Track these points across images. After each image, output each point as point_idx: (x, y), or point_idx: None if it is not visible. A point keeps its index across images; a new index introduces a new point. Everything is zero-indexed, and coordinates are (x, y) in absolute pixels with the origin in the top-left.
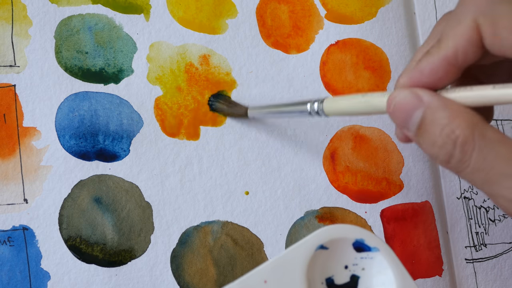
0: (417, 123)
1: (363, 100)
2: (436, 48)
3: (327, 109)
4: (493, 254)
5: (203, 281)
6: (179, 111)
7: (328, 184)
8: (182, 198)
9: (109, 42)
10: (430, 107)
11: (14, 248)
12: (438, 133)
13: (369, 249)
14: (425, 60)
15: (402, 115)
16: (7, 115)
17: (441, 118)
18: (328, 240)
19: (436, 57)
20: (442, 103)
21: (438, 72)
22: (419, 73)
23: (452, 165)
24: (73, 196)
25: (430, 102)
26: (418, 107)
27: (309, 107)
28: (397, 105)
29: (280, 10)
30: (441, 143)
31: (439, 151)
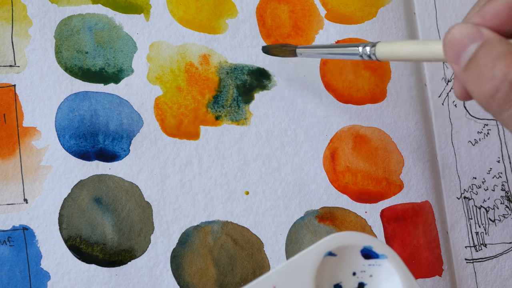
0: (470, 54)
1: (418, 43)
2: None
3: (379, 52)
4: (493, 254)
5: (203, 281)
6: (179, 111)
7: (328, 184)
8: (182, 198)
9: (109, 42)
10: (489, 41)
11: (14, 248)
12: (491, 65)
13: (377, 256)
14: (488, 5)
15: (457, 45)
16: (7, 115)
17: (497, 52)
18: (336, 246)
19: (500, 2)
20: (501, 39)
21: (502, 16)
22: (481, 18)
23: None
24: (73, 196)
25: (489, 36)
26: (476, 40)
27: (360, 49)
28: (455, 34)
29: (280, 10)
30: (491, 75)
31: (486, 84)
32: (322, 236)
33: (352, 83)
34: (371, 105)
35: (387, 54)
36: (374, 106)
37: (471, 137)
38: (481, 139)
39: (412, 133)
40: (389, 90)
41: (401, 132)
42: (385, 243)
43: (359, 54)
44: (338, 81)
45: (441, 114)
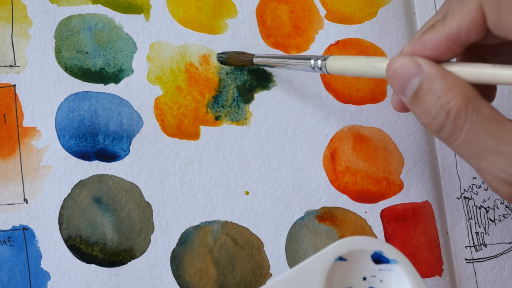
0: (413, 90)
1: (365, 61)
2: (441, 24)
3: (329, 66)
4: (493, 254)
5: (203, 281)
6: (179, 111)
7: (328, 184)
8: (182, 198)
9: (109, 42)
10: (428, 76)
11: (14, 248)
12: (433, 102)
13: (387, 261)
14: (428, 33)
15: (400, 80)
16: (7, 115)
17: (438, 88)
18: (347, 251)
19: (440, 33)
20: (440, 73)
21: (440, 47)
22: (421, 45)
23: (443, 135)
24: (73, 196)
25: (428, 71)
26: (416, 75)
27: (312, 62)
28: (396, 70)
29: (280, 10)
30: (434, 112)
31: (432, 120)
32: (322, 236)
33: (352, 83)
34: (371, 105)
35: (336, 68)
36: (374, 106)
37: None
38: None
39: (412, 133)
40: (389, 90)
41: (401, 132)
42: (396, 248)
43: (311, 66)
44: (338, 81)
45: None
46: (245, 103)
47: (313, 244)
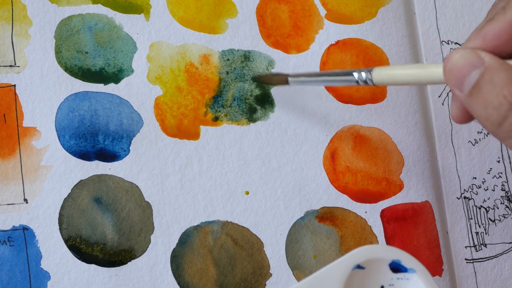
0: (473, 82)
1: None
2: (501, 14)
3: (377, 78)
4: (493, 254)
5: (203, 281)
6: (179, 111)
7: (328, 184)
8: (182, 198)
9: (109, 42)
10: (490, 67)
11: (14, 248)
12: (495, 93)
13: (405, 270)
14: (488, 25)
15: (459, 73)
16: (7, 115)
17: (501, 79)
18: (365, 259)
19: (501, 22)
20: (503, 65)
21: (502, 36)
22: (482, 39)
23: (504, 128)
24: (73, 196)
25: (490, 62)
26: (477, 67)
27: (356, 76)
28: (455, 62)
29: (280, 10)
30: (497, 103)
31: (492, 112)
32: (322, 236)
33: None
34: (371, 105)
35: (385, 79)
36: (374, 106)
37: (471, 137)
38: (481, 139)
39: (412, 133)
40: (389, 90)
41: (401, 132)
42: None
43: (354, 80)
44: None
45: (441, 114)
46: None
47: (313, 244)
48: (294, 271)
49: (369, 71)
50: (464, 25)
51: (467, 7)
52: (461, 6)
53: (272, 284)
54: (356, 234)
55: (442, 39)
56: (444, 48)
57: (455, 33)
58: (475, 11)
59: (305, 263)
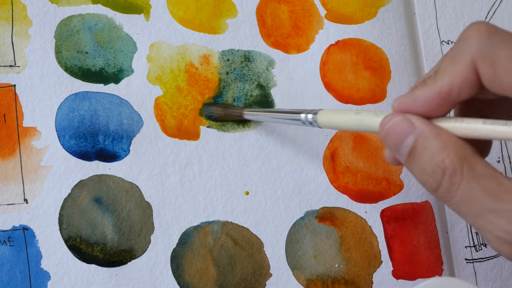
0: (408, 149)
1: (355, 118)
2: (432, 80)
3: (320, 122)
4: (493, 254)
5: (203, 281)
6: (179, 111)
7: (328, 184)
8: (182, 198)
9: (109, 42)
10: (422, 135)
11: (14, 248)
12: (428, 161)
13: None
14: (420, 89)
15: (394, 139)
16: (7, 115)
17: (432, 147)
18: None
19: (431, 90)
20: (434, 131)
21: (431, 103)
22: (412, 101)
23: (440, 193)
24: (73, 196)
25: (422, 129)
26: (410, 133)
27: (303, 117)
28: (389, 129)
29: (280, 10)
30: (430, 171)
31: (427, 179)
32: (322, 236)
33: (352, 83)
34: (371, 105)
35: (327, 123)
36: (374, 106)
37: None
38: None
39: None
40: (389, 90)
41: None
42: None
43: (301, 120)
44: (338, 81)
45: None
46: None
47: (313, 244)
48: (294, 271)
49: (315, 113)
50: (464, 25)
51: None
52: (461, 6)
53: (272, 284)
54: (356, 234)
55: (442, 39)
56: (444, 48)
57: (455, 33)
58: (475, 11)
59: (305, 263)
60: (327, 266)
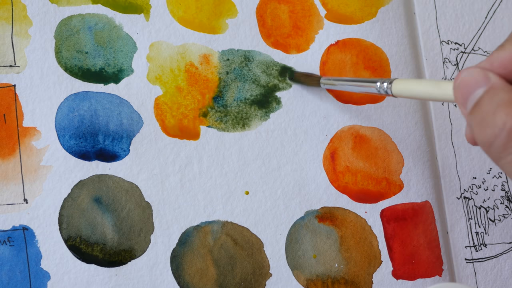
0: (476, 99)
1: (432, 84)
2: (510, 42)
3: (395, 89)
4: (493, 254)
5: (203, 281)
6: (179, 111)
7: (328, 184)
8: (182, 198)
9: (109, 42)
10: (494, 87)
11: (14, 248)
12: (492, 111)
13: None
14: (497, 52)
15: (465, 89)
16: (7, 115)
17: (500, 99)
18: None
19: (509, 51)
20: (507, 87)
21: (507, 66)
22: (490, 63)
23: (494, 148)
24: (73, 196)
25: (495, 82)
26: (482, 85)
27: (378, 85)
28: (464, 79)
29: (280, 10)
30: (491, 123)
31: (486, 131)
32: (322, 236)
33: None
34: (371, 105)
35: (402, 91)
36: (374, 106)
37: None
38: None
39: (412, 133)
40: None
41: (401, 132)
42: None
43: (376, 89)
44: None
45: (441, 114)
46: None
47: (313, 244)
48: (294, 271)
49: (391, 82)
50: (464, 25)
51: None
52: (461, 6)
53: (272, 284)
54: (356, 234)
55: (442, 39)
56: (444, 48)
57: (455, 33)
58: (475, 11)
59: (305, 263)
60: (327, 266)
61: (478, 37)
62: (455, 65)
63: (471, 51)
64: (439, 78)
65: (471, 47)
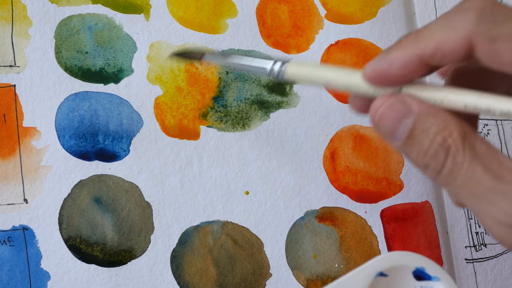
0: (406, 132)
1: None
2: (412, 42)
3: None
4: (493, 254)
5: (203, 281)
6: (179, 111)
7: (328, 184)
8: (182, 198)
9: (109, 42)
10: (420, 115)
11: (14, 248)
12: (430, 141)
13: (429, 278)
14: (397, 51)
15: (389, 124)
16: (7, 115)
17: (433, 126)
18: (388, 267)
19: (411, 51)
20: (432, 110)
21: (409, 66)
22: (388, 64)
23: (442, 177)
24: (73, 196)
25: (420, 109)
26: (406, 116)
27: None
28: (383, 114)
29: (280, 10)
30: (433, 152)
31: (430, 162)
32: (322, 236)
33: None
34: None
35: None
36: None
37: None
38: None
39: None
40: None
41: None
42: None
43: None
44: None
45: None
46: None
47: (313, 244)
48: (294, 271)
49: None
50: None
51: None
52: None
53: (272, 284)
54: (356, 234)
55: None
56: None
57: None
58: None
59: (305, 263)
60: (327, 266)
61: None
62: None
63: None
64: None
65: None
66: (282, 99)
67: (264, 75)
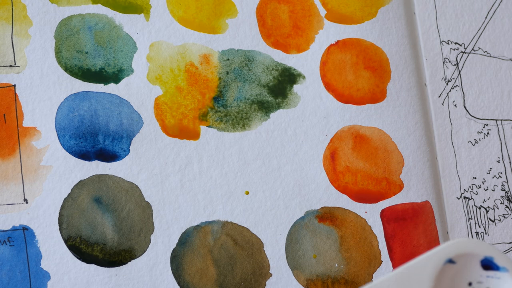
0: None
1: None
2: None
3: None
4: None
5: (203, 281)
6: (179, 111)
7: (328, 184)
8: (182, 198)
9: (109, 42)
10: None
11: (14, 248)
12: None
13: (497, 268)
14: None
15: None
16: (7, 115)
17: None
18: (457, 254)
19: None
20: None
21: None
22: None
23: None
24: (73, 196)
25: None
26: None
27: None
28: None
29: (280, 10)
30: None
31: None
32: (322, 236)
33: (352, 83)
34: (371, 105)
35: None
36: (374, 106)
37: (471, 137)
38: (481, 139)
39: (412, 133)
40: (389, 90)
41: (401, 132)
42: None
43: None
44: (338, 81)
45: (441, 114)
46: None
47: (313, 244)
48: (294, 271)
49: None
50: (464, 25)
51: (467, 7)
52: (461, 6)
53: (272, 284)
54: (356, 234)
55: (442, 39)
56: (444, 48)
57: (455, 33)
58: (475, 11)
59: (305, 263)
60: (327, 266)
61: (478, 37)
62: (455, 65)
63: (471, 51)
64: (439, 78)
65: (471, 47)
66: (282, 99)
67: None
